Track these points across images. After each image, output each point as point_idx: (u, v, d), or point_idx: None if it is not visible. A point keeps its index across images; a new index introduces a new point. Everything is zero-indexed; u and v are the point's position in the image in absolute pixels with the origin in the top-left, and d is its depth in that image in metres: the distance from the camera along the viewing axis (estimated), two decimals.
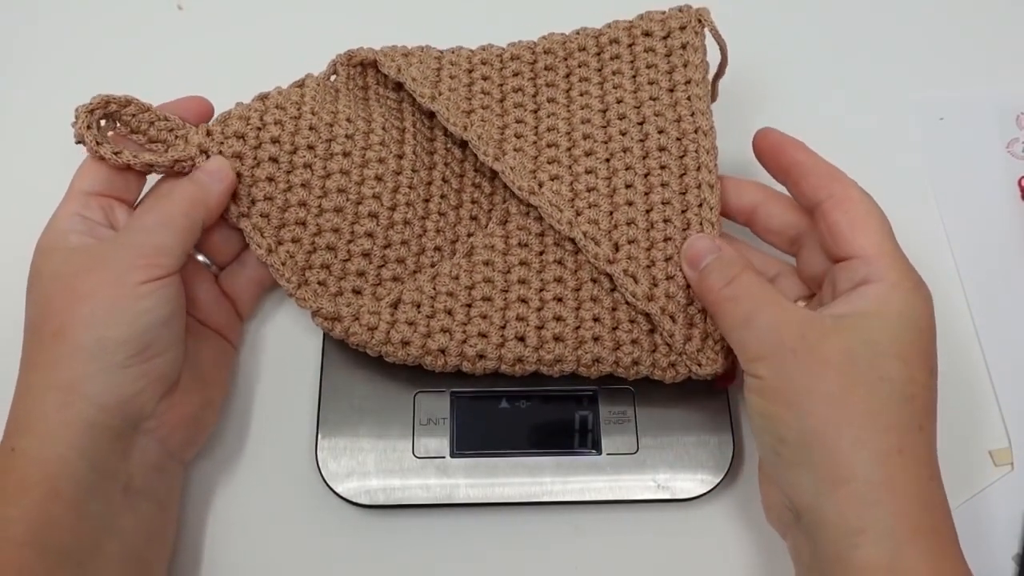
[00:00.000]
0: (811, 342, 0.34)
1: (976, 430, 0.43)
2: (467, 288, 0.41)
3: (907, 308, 0.35)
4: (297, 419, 0.42)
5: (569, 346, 0.39)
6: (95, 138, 0.38)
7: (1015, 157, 0.50)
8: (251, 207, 0.40)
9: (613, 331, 0.39)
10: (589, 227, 0.40)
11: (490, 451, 0.41)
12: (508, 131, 0.44)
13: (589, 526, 0.41)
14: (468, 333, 0.39)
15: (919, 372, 0.34)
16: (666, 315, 0.39)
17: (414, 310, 0.40)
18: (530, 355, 0.39)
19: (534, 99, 0.45)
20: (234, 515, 0.41)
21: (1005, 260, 0.47)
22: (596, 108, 0.44)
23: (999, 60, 0.53)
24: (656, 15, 0.45)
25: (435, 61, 0.45)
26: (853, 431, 0.33)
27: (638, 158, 0.42)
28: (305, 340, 0.44)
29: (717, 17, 0.45)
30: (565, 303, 0.40)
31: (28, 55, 0.52)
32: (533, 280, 0.41)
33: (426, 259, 0.42)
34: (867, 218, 0.37)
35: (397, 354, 0.40)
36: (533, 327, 0.39)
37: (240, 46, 0.52)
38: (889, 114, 0.52)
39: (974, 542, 0.40)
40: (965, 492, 0.42)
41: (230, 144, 0.40)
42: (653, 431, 0.41)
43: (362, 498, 0.40)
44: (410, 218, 0.42)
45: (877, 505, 0.32)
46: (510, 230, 0.42)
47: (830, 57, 0.53)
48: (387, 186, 0.42)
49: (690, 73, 0.43)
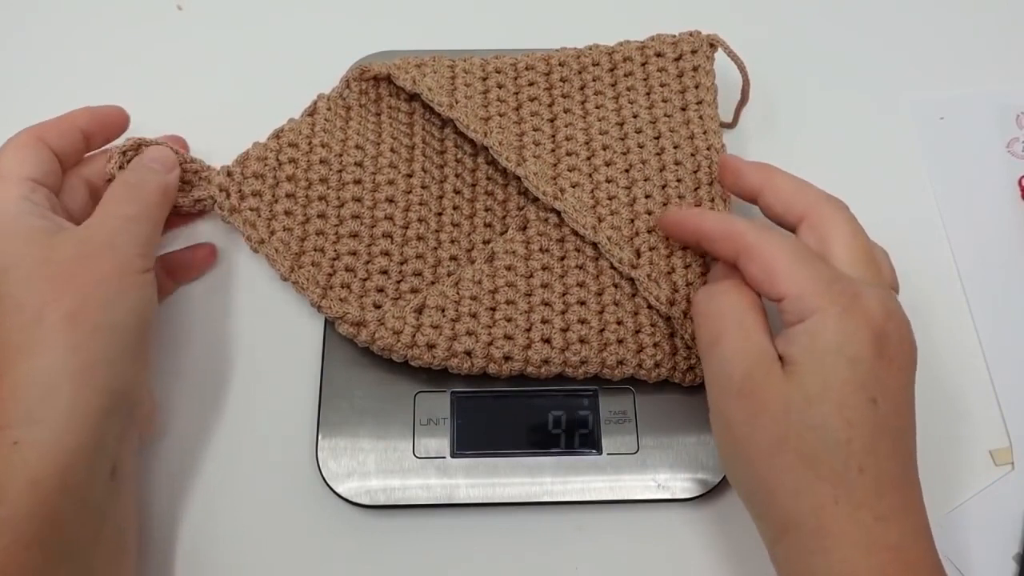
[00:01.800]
0: (756, 384, 0.34)
1: (976, 430, 0.43)
2: (490, 292, 0.41)
3: (837, 339, 0.33)
4: (297, 419, 0.42)
5: (594, 348, 0.40)
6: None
7: (1015, 157, 0.50)
8: (271, 236, 0.42)
9: (636, 334, 0.40)
10: (612, 232, 0.42)
11: (490, 451, 0.41)
12: (526, 138, 0.45)
13: (589, 526, 0.41)
14: (494, 335, 0.40)
15: (855, 411, 0.32)
16: (688, 319, 0.40)
17: (439, 314, 0.40)
18: (556, 356, 0.40)
19: (550, 108, 0.46)
20: (234, 515, 0.41)
21: (1005, 260, 0.47)
22: (612, 121, 0.45)
23: (999, 60, 0.53)
24: (667, 38, 0.47)
25: (448, 70, 0.46)
26: (791, 481, 0.33)
27: (656, 170, 0.44)
28: (305, 340, 0.44)
29: (717, 16, 0.45)
30: (588, 306, 0.41)
31: (28, 55, 0.52)
32: (555, 284, 0.41)
33: (443, 269, 0.43)
34: (776, 260, 0.35)
35: (423, 357, 0.40)
36: (558, 329, 0.40)
37: (240, 46, 0.52)
38: (889, 114, 0.52)
39: (974, 542, 0.41)
40: (965, 492, 0.42)
41: (250, 184, 0.42)
42: (653, 431, 0.41)
43: (362, 498, 0.40)
44: (423, 233, 0.43)
45: (817, 554, 0.32)
46: (530, 236, 0.43)
47: (830, 57, 0.53)
48: (399, 206, 0.44)
49: (701, 94, 0.46)
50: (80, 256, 0.35)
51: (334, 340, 0.42)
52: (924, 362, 0.44)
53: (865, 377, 0.33)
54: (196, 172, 0.43)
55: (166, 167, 0.41)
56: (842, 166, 0.50)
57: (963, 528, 0.41)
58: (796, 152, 0.50)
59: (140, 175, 0.40)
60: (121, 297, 0.35)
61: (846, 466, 0.32)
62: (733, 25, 0.48)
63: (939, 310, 0.46)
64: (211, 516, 0.41)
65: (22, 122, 0.49)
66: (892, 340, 0.34)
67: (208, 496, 0.41)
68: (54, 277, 0.35)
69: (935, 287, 0.47)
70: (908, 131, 0.51)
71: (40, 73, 0.52)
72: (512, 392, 0.42)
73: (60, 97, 0.47)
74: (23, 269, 0.35)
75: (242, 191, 0.42)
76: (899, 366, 0.34)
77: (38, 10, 0.54)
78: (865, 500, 0.32)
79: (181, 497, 0.41)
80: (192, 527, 0.40)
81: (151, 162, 0.41)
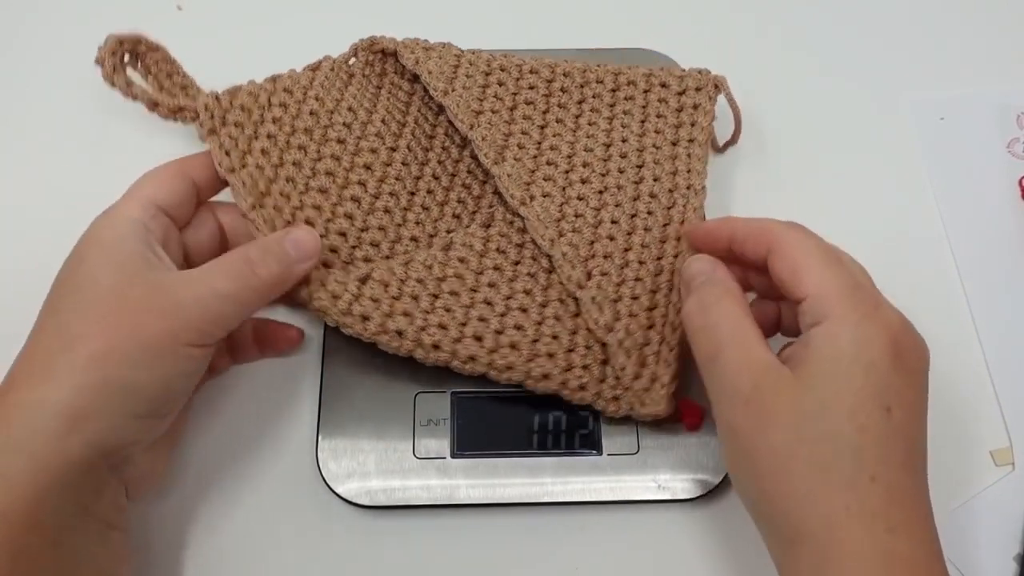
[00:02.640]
0: (763, 393, 0.33)
1: (977, 430, 0.43)
2: (438, 279, 0.41)
3: (855, 345, 0.33)
4: (297, 419, 0.42)
5: (523, 356, 0.40)
6: (114, 65, 0.41)
7: (1015, 157, 0.50)
8: (242, 168, 0.41)
9: (568, 352, 0.40)
10: (568, 249, 0.42)
11: (491, 451, 0.41)
12: (512, 139, 0.45)
13: (590, 527, 0.41)
14: (429, 322, 0.40)
15: (869, 418, 0.32)
16: (622, 349, 0.40)
17: (381, 288, 0.40)
18: (483, 356, 0.40)
19: (544, 115, 0.46)
20: (234, 516, 0.41)
21: (1005, 260, 0.47)
22: (600, 140, 0.46)
23: (999, 60, 0.53)
24: (676, 71, 0.47)
25: (454, 59, 0.47)
26: (801, 491, 0.32)
27: (629, 198, 0.44)
28: (306, 341, 0.44)
29: (717, 15, 0.45)
30: (528, 315, 0.41)
31: (27, 54, 0.52)
32: (503, 286, 0.42)
33: (400, 247, 0.43)
34: (806, 258, 0.35)
35: (355, 327, 0.39)
36: (492, 330, 0.40)
37: (240, 46, 0.52)
38: (889, 114, 0.52)
39: (974, 542, 0.41)
40: (966, 492, 0.42)
41: (235, 114, 0.42)
42: (654, 431, 0.41)
43: (363, 499, 0.40)
44: (391, 207, 0.43)
45: (828, 564, 0.31)
46: (491, 234, 0.43)
47: (830, 57, 0.53)
48: (374, 175, 0.43)
49: (695, 133, 0.46)
50: (143, 305, 0.33)
51: (334, 341, 0.42)
52: None
53: (880, 385, 0.32)
54: (185, 88, 0.43)
55: (302, 255, 0.38)
56: (842, 166, 0.50)
57: (963, 528, 0.41)
58: (796, 152, 0.50)
59: (267, 255, 0.37)
60: (156, 362, 0.33)
61: (858, 474, 0.31)
62: (734, 24, 0.48)
63: (939, 310, 0.46)
64: (211, 516, 0.40)
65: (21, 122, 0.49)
66: (909, 351, 0.34)
67: (208, 496, 0.41)
68: (107, 314, 0.33)
69: (935, 287, 0.47)
70: (908, 131, 0.51)
71: (39, 73, 0.52)
72: (512, 393, 0.42)
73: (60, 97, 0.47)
74: (89, 293, 0.34)
75: (225, 118, 0.41)
76: (915, 377, 0.34)
77: (38, 10, 0.54)
78: (877, 509, 0.31)
79: (181, 497, 0.41)
80: (192, 527, 0.40)
81: (291, 243, 0.38)
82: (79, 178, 0.48)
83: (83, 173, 0.48)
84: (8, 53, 0.52)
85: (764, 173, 0.50)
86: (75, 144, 0.50)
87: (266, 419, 0.42)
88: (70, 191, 0.46)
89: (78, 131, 0.50)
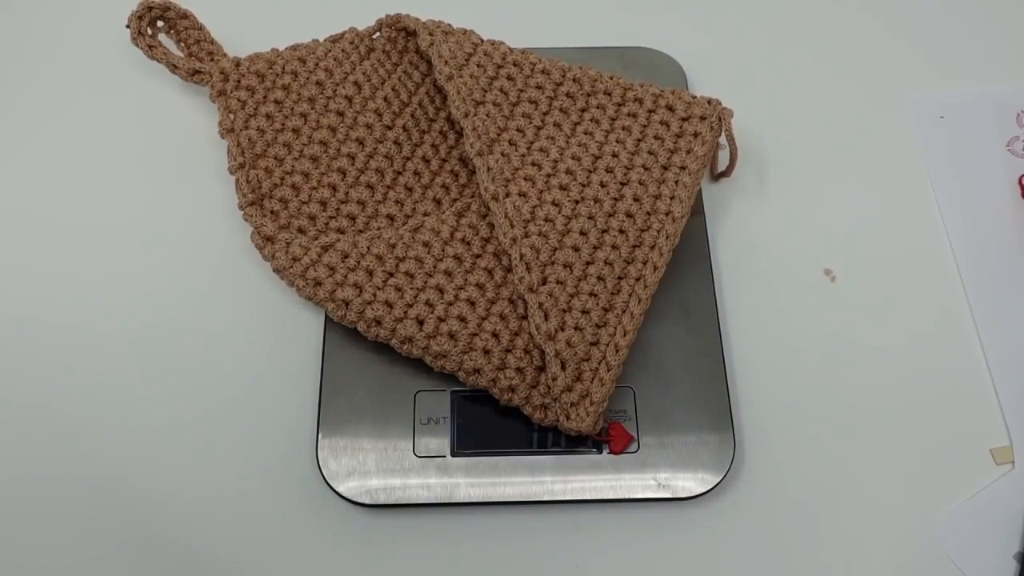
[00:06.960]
0: None
1: (977, 429, 0.43)
2: (397, 259, 0.42)
3: None
4: (297, 419, 0.42)
5: (459, 347, 0.40)
6: (139, 28, 0.47)
7: (1015, 155, 0.50)
8: (243, 130, 0.44)
9: (505, 352, 0.40)
10: (528, 252, 0.41)
11: (491, 450, 0.41)
12: (505, 134, 0.45)
13: (590, 525, 0.41)
14: (376, 298, 0.41)
15: None
16: (558, 359, 0.40)
17: (339, 257, 0.41)
18: (420, 340, 0.40)
19: (543, 116, 0.47)
20: (234, 515, 0.41)
21: (1005, 260, 0.47)
22: (591, 151, 0.45)
23: (999, 58, 0.53)
24: (685, 95, 0.47)
25: (471, 46, 0.47)
26: None
27: (604, 213, 0.43)
28: (306, 340, 0.44)
29: (718, 15, 0.45)
30: (475, 308, 0.41)
31: (27, 54, 0.52)
32: (458, 276, 0.42)
33: (375, 223, 0.44)
34: None
35: (306, 291, 0.41)
36: (435, 317, 0.40)
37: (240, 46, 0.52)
38: (889, 113, 0.52)
39: (974, 541, 0.41)
40: (966, 491, 0.42)
41: (248, 79, 0.45)
42: (654, 430, 0.41)
43: (363, 497, 0.40)
44: (374, 183, 0.45)
45: None
46: (461, 223, 0.43)
47: (830, 56, 0.53)
48: (364, 149, 0.45)
49: (688, 161, 0.45)
50: None
51: (334, 340, 0.42)
52: (925, 362, 0.45)
53: None
54: (210, 53, 0.48)
55: None
56: (842, 165, 0.50)
57: (963, 527, 0.41)
58: (796, 152, 0.50)
59: None
60: None
61: None
62: (735, 23, 0.48)
63: (939, 309, 0.46)
64: (212, 515, 0.41)
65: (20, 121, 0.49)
66: None
67: (208, 495, 0.41)
68: None
69: (935, 287, 0.47)
70: (908, 130, 0.51)
71: (39, 72, 0.52)
72: None
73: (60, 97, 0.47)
74: None
75: (239, 82, 0.45)
76: None
77: (38, 10, 0.54)
78: None
79: (181, 496, 0.41)
80: (193, 526, 0.40)
81: None
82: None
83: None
84: (7, 53, 0.52)
85: (763, 170, 0.50)
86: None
87: (266, 418, 0.42)
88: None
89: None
